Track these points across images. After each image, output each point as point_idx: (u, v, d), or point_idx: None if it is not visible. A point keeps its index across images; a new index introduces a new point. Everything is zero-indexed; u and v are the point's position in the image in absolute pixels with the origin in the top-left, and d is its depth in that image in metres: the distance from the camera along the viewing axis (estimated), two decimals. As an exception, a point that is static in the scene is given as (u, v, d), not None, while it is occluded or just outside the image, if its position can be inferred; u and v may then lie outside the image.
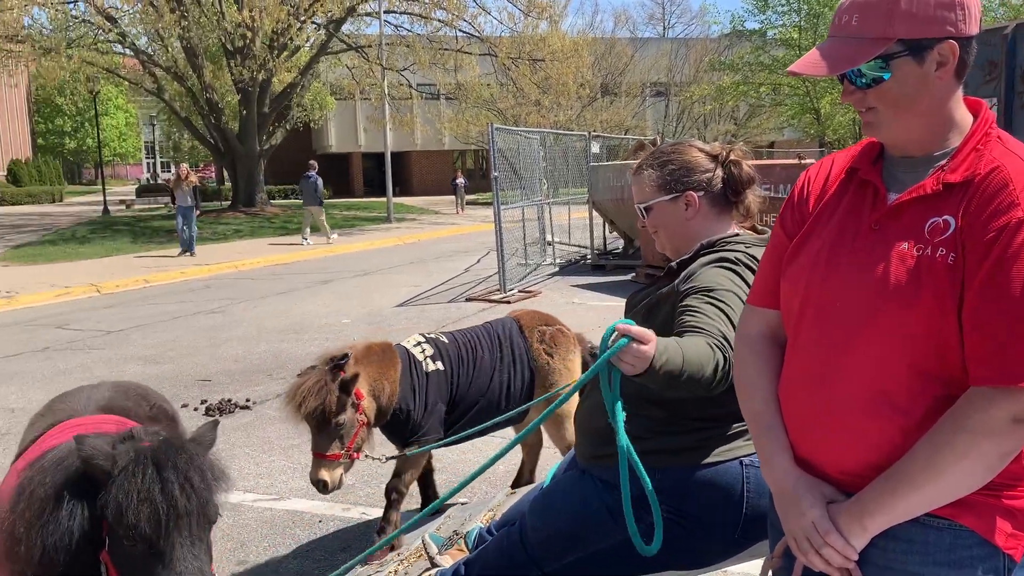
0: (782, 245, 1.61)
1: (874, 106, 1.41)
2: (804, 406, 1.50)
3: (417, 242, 20.81)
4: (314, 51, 26.89)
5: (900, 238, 1.39)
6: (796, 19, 28.30)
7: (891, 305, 1.36)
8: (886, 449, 1.38)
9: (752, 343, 1.65)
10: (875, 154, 1.52)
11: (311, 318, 9.96)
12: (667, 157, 2.25)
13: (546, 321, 4.07)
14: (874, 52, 1.36)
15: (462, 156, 48.26)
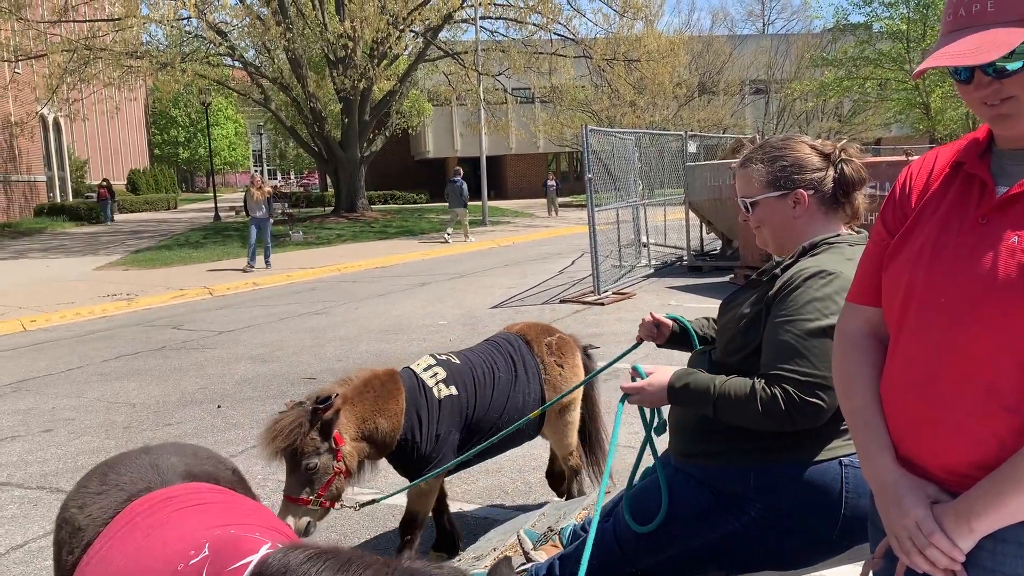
0: (883, 242, 1.57)
1: (1015, 95, 1.33)
2: (908, 403, 1.47)
3: (512, 245, 20.98)
4: (412, 59, 27.51)
5: (1009, 231, 1.34)
6: (904, 11, 27.14)
7: (999, 299, 1.32)
8: (993, 448, 1.34)
9: (852, 340, 1.63)
10: (983, 148, 1.47)
11: (409, 319, 10.20)
12: (778, 152, 2.20)
13: (547, 331, 3.91)
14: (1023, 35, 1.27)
15: (556, 159, 48.35)
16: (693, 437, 2.22)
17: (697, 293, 11.32)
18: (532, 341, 3.78)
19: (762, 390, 1.96)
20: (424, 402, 3.31)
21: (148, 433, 5.93)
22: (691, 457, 2.23)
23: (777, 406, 1.93)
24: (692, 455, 2.23)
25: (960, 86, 1.41)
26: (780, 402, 1.93)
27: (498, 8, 27.19)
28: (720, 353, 2.22)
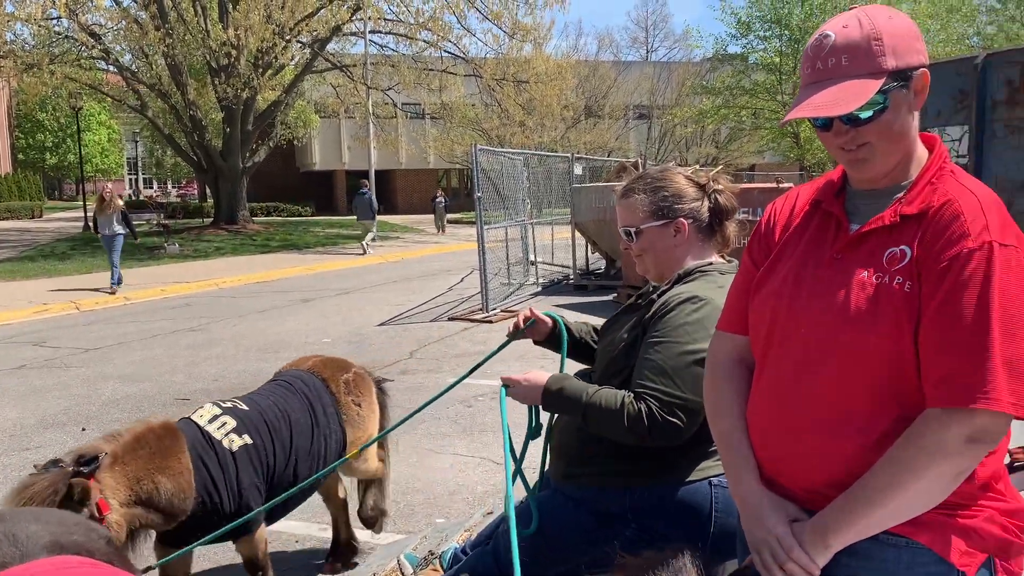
0: (750, 273, 1.68)
1: (869, 141, 1.45)
2: (771, 427, 1.56)
3: (401, 260, 20.82)
4: (299, 70, 26.99)
5: (860, 266, 1.46)
6: (778, 44, 28.68)
7: (852, 330, 1.42)
8: (847, 468, 1.44)
9: (722, 366, 1.73)
10: (838, 187, 1.59)
11: (291, 336, 9.94)
12: (659, 183, 2.28)
13: (343, 367, 3.65)
14: (876, 86, 1.40)
15: (447, 175, 48.39)
16: (574, 460, 2.26)
17: (582, 311, 11.53)
18: (328, 379, 3.50)
19: (629, 404, 2.04)
20: (214, 456, 2.94)
21: (3, 459, 5.54)
22: (571, 479, 2.26)
23: (640, 422, 2.02)
24: (572, 476, 2.26)
25: (820, 132, 1.52)
26: (644, 418, 2.01)
27: (388, 23, 27.04)
28: (600, 375, 2.27)
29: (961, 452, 1.34)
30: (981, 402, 1.31)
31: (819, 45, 1.45)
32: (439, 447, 5.59)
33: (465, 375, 2.72)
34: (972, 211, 1.40)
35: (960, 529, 1.41)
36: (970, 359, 1.32)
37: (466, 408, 6.50)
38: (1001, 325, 1.32)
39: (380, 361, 8.40)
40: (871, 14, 1.45)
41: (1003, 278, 1.34)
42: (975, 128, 7.34)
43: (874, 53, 1.41)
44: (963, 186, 1.46)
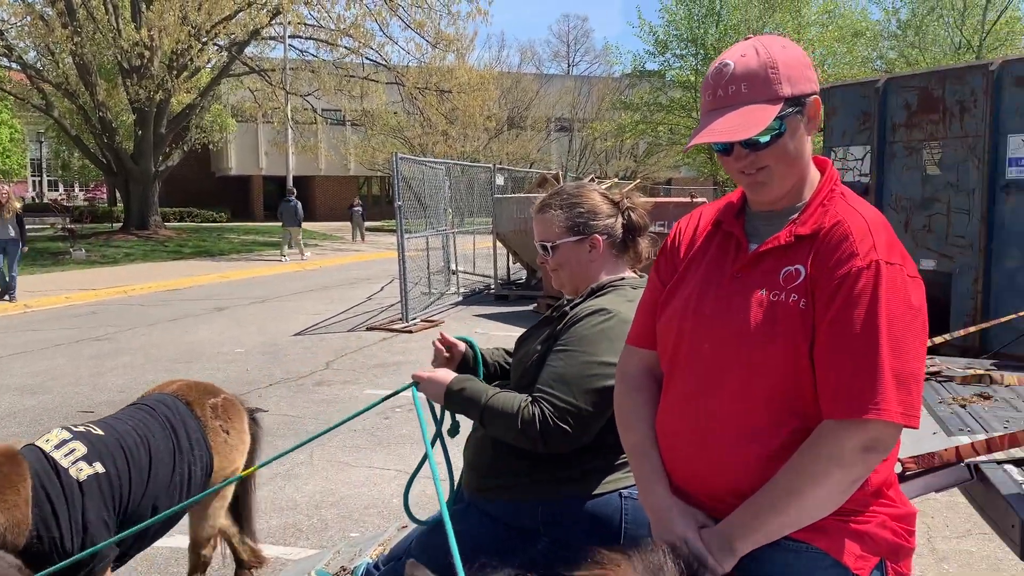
0: (657, 290, 1.75)
1: (767, 164, 1.52)
2: (679, 438, 1.62)
3: (319, 269, 20.49)
4: (215, 73, 26.34)
5: (758, 285, 1.54)
6: (693, 62, 29.45)
7: (752, 346, 1.50)
8: (749, 477, 1.51)
9: (631, 379, 1.79)
10: (738, 208, 1.67)
11: (203, 346, 9.66)
12: (575, 199, 2.32)
13: (210, 391, 3.41)
14: (775, 112, 1.48)
15: (367, 182, 47.91)
16: (487, 473, 2.26)
17: (503, 321, 11.57)
18: (194, 403, 3.25)
19: (525, 408, 2.08)
20: (58, 486, 2.66)
21: None
22: (484, 492, 2.26)
23: (533, 426, 2.05)
24: (485, 490, 2.26)
25: (721, 156, 1.59)
26: (536, 422, 2.05)
27: (309, 28, 26.65)
28: (513, 387, 2.28)
29: (857, 461, 1.42)
30: (873, 413, 1.39)
31: (719, 73, 1.52)
32: (355, 460, 5.52)
33: (362, 411, 2.66)
34: (860, 231, 1.49)
35: (855, 534, 1.49)
36: (862, 373, 1.40)
37: (383, 420, 6.43)
38: (889, 340, 1.40)
39: (295, 372, 8.25)
40: (767, 44, 1.52)
41: (889, 295, 1.42)
42: (876, 148, 7.68)
43: (771, 81, 1.49)
44: (852, 208, 1.54)
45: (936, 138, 7.23)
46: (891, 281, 1.43)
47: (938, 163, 7.24)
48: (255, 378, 7.98)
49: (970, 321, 6.71)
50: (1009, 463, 2.09)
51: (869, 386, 1.39)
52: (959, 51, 24.58)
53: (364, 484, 5.08)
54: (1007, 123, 6.71)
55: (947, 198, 7.17)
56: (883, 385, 1.39)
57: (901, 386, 1.40)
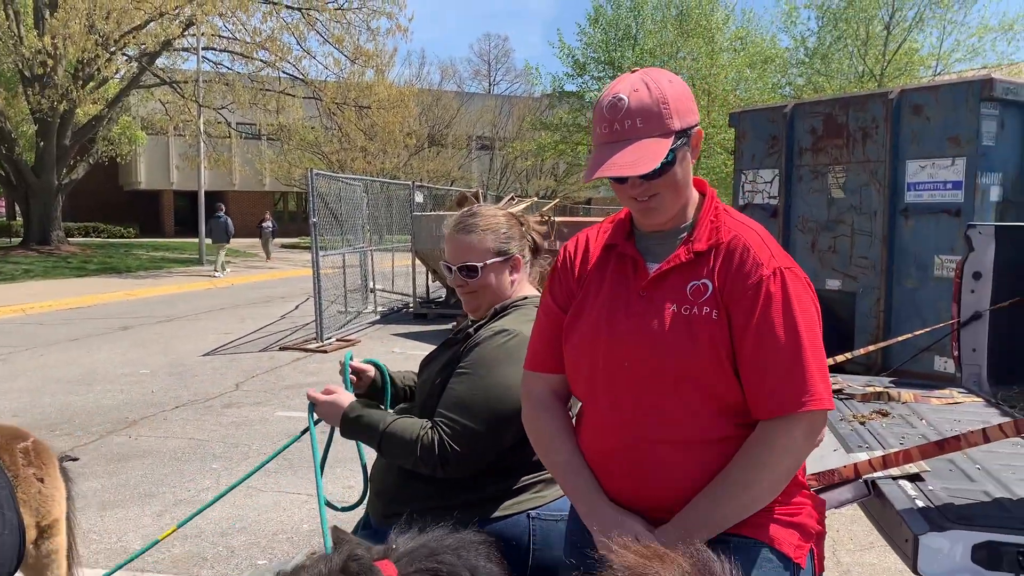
0: (554, 314, 1.80)
1: (658, 192, 1.61)
2: (613, 455, 1.67)
3: (231, 286, 19.95)
4: (124, 83, 25.47)
5: (667, 300, 1.62)
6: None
7: (673, 358, 1.58)
8: (692, 483, 1.60)
9: (540, 402, 1.81)
10: (627, 230, 1.75)
11: (105, 367, 9.25)
12: (494, 221, 2.29)
13: (18, 435, 2.95)
14: (668, 146, 1.57)
15: (283, 198, 47.05)
16: (392, 499, 2.21)
17: (421, 340, 11.46)
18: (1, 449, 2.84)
19: (424, 434, 2.07)
20: None
21: None
22: (389, 519, 2.20)
23: (432, 451, 2.04)
24: (390, 516, 2.20)
25: (615, 184, 1.66)
26: (435, 447, 2.04)
27: (223, 40, 26.08)
28: (418, 411, 2.24)
29: (804, 447, 1.57)
30: (811, 404, 1.53)
31: (614, 107, 1.59)
32: (263, 484, 5.34)
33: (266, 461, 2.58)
34: (757, 243, 1.62)
35: (791, 525, 1.62)
36: (793, 371, 1.54)
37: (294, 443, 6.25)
38: (807, 338, 1.55)
39: (203, 394, 7.98)
40: (656, 79, 1.61)
41: (797, 296, 1.56)
42: (784, 172, 7.94)
43: (663, 116, 1.58)
44: (740, 222, 1.68)
45: (840, 162, 7.52)
46: (795, 284, 1.58)
47: (842, 187, 7.52)
48: (160, 400, 7.67)
49: (873, 339, 6.97)
50: (904, 479, 2.15)
51: (801, 382, 1.53)
52: (862, 79, 25.75)
53: (273, 509, 4.92)
54: (905, 149, 7.03)
55: (851, 220, 7.45)
56: (812, 379, 1.53)
57: (822, 376, 1.55)
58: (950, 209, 6.74)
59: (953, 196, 6.74)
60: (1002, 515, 1.91)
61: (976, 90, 6.56)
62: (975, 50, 25.47)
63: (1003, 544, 1.76)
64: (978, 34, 25.17)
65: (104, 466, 5.70)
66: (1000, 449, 2.41)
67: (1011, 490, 2.09)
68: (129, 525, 4.66)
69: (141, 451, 6.05)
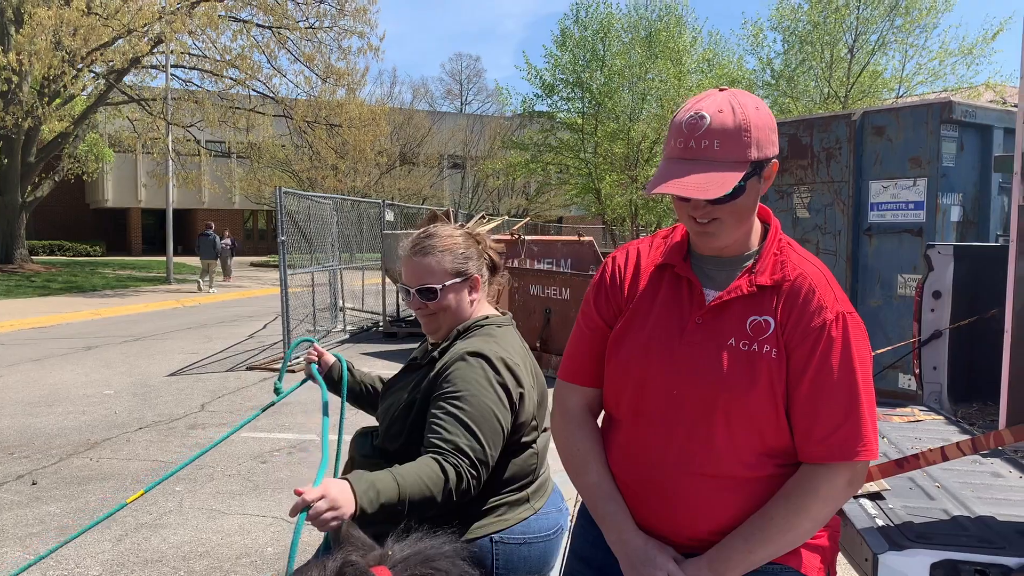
0: (598, 328, 1.76)
1: (720, 217, 1.56)
2: (646, 484, 1.65)
3: (198, 305, 19.71)
4: (91, 100, 25.20)
5: (727, 334, 1.59)
6: (580, 106, 30.25)
7: (731, 394, 1.56)
8: (730, 517, 1.59)
9: (575, 417, 1.79)
10: (684, 251, 1.70)
11: (68, 388, 9.08)
12: (452, 241, 2.27)
13: None
14: (740, 176, 1.51)
15: (254, 216, 46.73)
16: (359, 523, 2.16)
17: (391, 359, 11.38)
18: None
19: (449, 475, 1.91)
20: None
21: None
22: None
23: (460, 482, 1.93)
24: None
25: (677, 201, 1.61)
26: (463, 481, 1.93)
27: (193, 58, 25.92)
28: (382, 436, 2.21)
29: (845, 496, 1.57)
30: (862, 455, 1.54)
31: (694, 124, 1.53)
32: (227, 507, 5.25)
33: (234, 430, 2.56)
34: (822, 284, 1.61)
35: (816, 548, 1.64)
36: (848, 419, 1.53)
37: (260, 464, 6.17)
38: (863, 387, 1.55)
39: (167, 415, 7.85)
40: (743, 103, 1.55)
41: (857, 344, 1.56)
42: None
43: (743, 144, 1.52)
44: (805, 260, 1.66)
45: (805, 183, 7.62)
46: (856, 331, 1.58)
47: (807, 206, 7.62)
48: (123, 421, 7.54)
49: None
50: (864, 497, 2.16)
51: (855, 432, 1.53)
52: (827, 101, 26.19)
53: (237, 532, 4.83)
54: (868, 170, 7.15)
55: (816, 240, 7.54)
56: (865, 428, 1.54)
57: (874, 427, 1.56)
58: (912, 229, 6.85)
59: (915, 216, 6.86)
60: (960, 533, 1.93)
61: (936, 113, 6.70)
62: (936, 73, 26.02)
63: (961, 562, 1.77)
64: (939, 58, 25.73)
65: (63, 489, 5.57)
66: (959, 467, 2.44)
67: (969, 508, 2.11)
68: (87, 551, 4.55)
69: (102, 474, 5.93)
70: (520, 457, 2.17)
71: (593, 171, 30.12)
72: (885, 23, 25.58)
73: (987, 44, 25.30)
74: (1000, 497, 2.23)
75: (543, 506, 2.22)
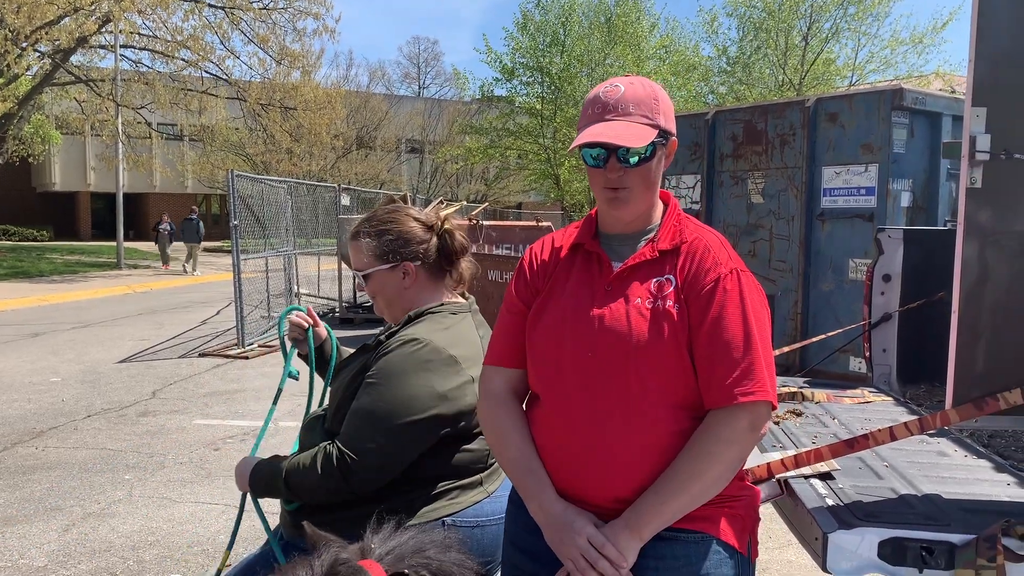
0: (518, 311, 1.84)
1: (630, 186, 1.69)
2: (570, 446, 1.69)
3: (149, 291, 19.33)
4: (36, 81, 24.46)
5: (633, 295, 1.70)
6: (539, 91, 30.18)
7: (639, 348, 1.65)
8: (652, 471, 1.64)
9: (497, 397, 1.83)
10: (593, 231, 1.83)
11: (12, 376, 8.83)
12: (384, 226, 2.24)
13: None
14: (653, 135, 1.66)
15: (207, 200, 45.92)
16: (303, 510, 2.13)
17: (348, 345, 11.21)
18: None
19: (322, 451, 2.02)
20: None
21: None
22: (299, 528, 2.13)
23: (332, 465, 1.99)
24: (299, 527, 2.13)
25: (592, 169, 1.72)
26: (334, 460, 1.99)
27: (143, 38, 25.28)
28: (329, 420, 2.18)
29: (747, 439, 1.63)
30: (758, 395, 1.61)
31: (610, 92, 1.70)
32: (179, 495, 5.16)
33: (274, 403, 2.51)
34: (716, 245, 1.73)
35: (735, 518, 1.70)
36: (743, 364, 1.62)
37: (212, 452, 6.07)
38: (758, 334, 1.65)
39: (117, 402, 7.68)
40: (648, 82, 1.74)
41: (750, 296, 1.67)
42: (706, 177, 8.08)
43: (653, 109, 1.70)
44: (701, 227, 1.80)
45: (759, 168, 7.69)
46: (749, 284, 1.69)
47: (761, 192, 7.69)
48: (71, 409, 7.36)
49: (791, 340, 7.14)
50: (815, 477, 2.18)
51: (749, 374, 1.61)
52: (782, 88, 26.50)
53: (189, 521, 4.75)
54: (821, 156, 7.23)
55: (770, 225, 7.63)
56: (759, 373, 1.62)
57: (770, 371, 1.65)
58: (864, 214, 6.96)
59: (867, 201, 6.96)
60: (907, 511, 1.96)
61: (888, 99, 6.79)
62: (888, 62, 26.49)
63: (907, 540, 1.80)
64: (890, 46, 26.18)
65: (7, 479, 5.42)
66: (907, 447, 2.48)
67: (916, 487, 2.15)
68: (32, 541, 4.43)
69: (48, 463, 5.78)
70: (473, 443, 2.15)
71: (552, 157, 30.12)
72: (839, 11, 25.94)
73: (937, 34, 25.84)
74: (946, 475, 2.27)
75: (496, 489, 2.21)
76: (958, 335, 2.02)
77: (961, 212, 1.99)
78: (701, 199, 8.11)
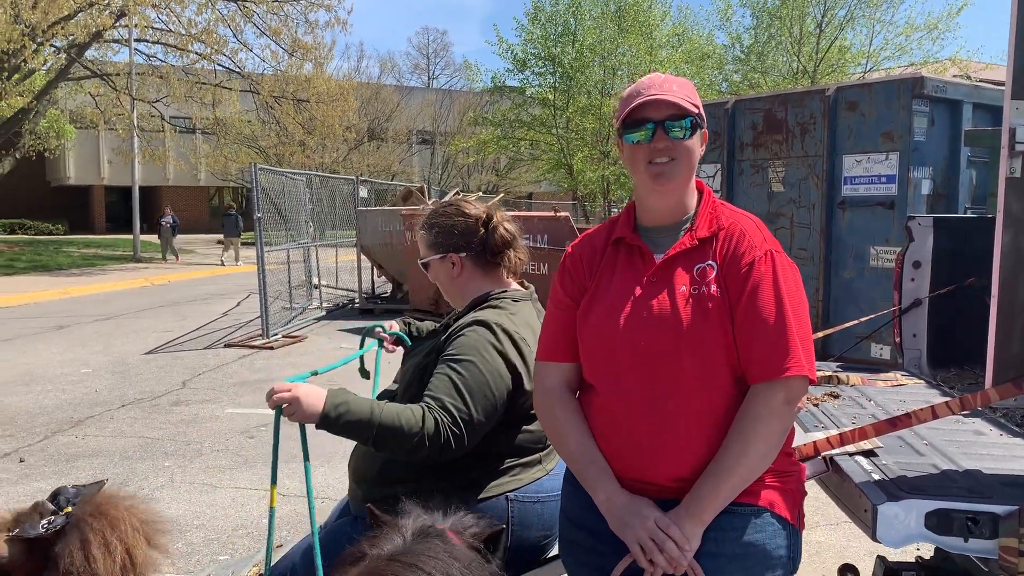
0: (567, 307, 1.92)
1: (677, 158, 1.77)
2: (634, 433, 1.77)
3: (168, 283, 19.52)
4: (52, 76, 24.63)
5: (679, 283, 1.78)
6: (552, 80, 30.17)
7: (687, 331, 1.73)
8: (711, 448, 1.73)
9: (553, 393, 1.92)
10: (632, 223, 1.92)
11: (44, 368, 9.00)
12: (435, 219, 2.42)
13: None
14: (695, 112, 1.79)
15: (219, 193, 46.10)
16: (373, 484, 2.24)
17: (367, 336, 11.40)
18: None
19: (427, 420, 2.05)
20: None
21: None
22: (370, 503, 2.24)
23: (437, 437, 2.05)
24: (372, 501, 2.24)
25: (636, 148, 1.80)
26: (440, 431, 2.05)
27: (157, 32, 25.39)
28: (400, 398, 2.29)
29: (784, 412, 1.71)
30: (793, 369, 1.69)
31: (652, 79, 1.84)
32: (218, 481, 5.30)
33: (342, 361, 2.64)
34: (751, 229, 1.83)
35: (786, 492, 1.80)
36: (778, 340, 1.70)
37: (247, 439, 6.21)
38: (792, 311, 1.72)
39: (149, 392, 7.84)
40: (682, 79, 1.85)
41: (784, 276, 1.76)
42: (726, 166, 8.15)
43: (690, 94, 1.82)
44: (736, 212, 1.90)
45: (780, 157, 7.76)
46: (783, 264, 1.77)
47: (782, 181, 7.76)
48: (105, 399, 7.51)
49: (813, 328, 7.22)
50: (859, 454, 2.28)
51: (784, 350, 1.69)
52: (796, 76, 26.42)
53: (231, 506, 4.89)
54: (841, 144, 7.30)
55: (791, 213, 7.70)
56: (794, 347, 1.70)
57: (805, 346, 1.72)
58: (885, 202, 7.02)
59: (887, 189, 7.03)
60: (951, 485, 2.05)
61: (908, 88, 6.84)
62: (902, 48, 26.36)
63: (953, 511, 1.89)
64: (905, 33, 26.05)
65: (52, 467, 5.57)
66: (944, 426, 2.57)
67: (956, 462, 2.24)
68: (83, 525, 4.58)
69: (90, 451, 5.94)
70: (533, 424, 2.26)
71: (565, 147, 30.11)
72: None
73: (952, 19, 25.71)
74: (983, 452, 2.37)
75: (554, 467, 2.32)
76: (997, 319, 2.10)
77: (1001, 201, 2.07)
78: (721, 188, 8.18)
